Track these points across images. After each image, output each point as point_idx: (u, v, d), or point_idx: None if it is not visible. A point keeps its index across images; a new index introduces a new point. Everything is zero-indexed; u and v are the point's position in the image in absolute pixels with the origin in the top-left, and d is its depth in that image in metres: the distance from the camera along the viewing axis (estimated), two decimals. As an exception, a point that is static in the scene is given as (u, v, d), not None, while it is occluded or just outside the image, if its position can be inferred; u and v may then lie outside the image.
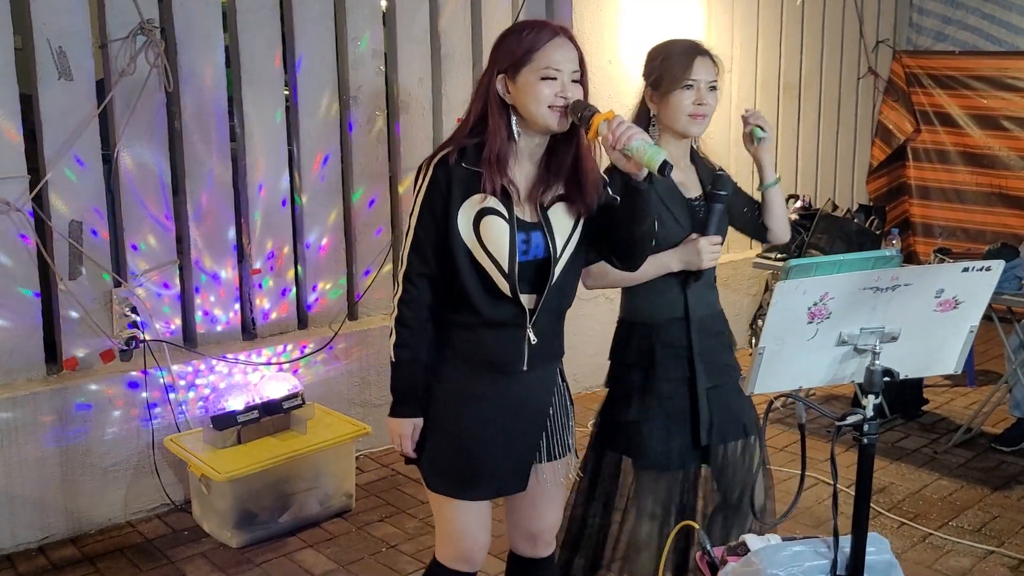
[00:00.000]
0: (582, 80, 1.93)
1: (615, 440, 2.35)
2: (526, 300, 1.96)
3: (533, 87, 1.88)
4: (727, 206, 2.31)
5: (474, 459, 2.03)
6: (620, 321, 2.39)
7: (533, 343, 1.98)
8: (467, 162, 1.93)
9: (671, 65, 2.23)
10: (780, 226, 2.42)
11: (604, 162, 2.00)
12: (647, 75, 2.30)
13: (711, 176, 2.33)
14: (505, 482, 2.08)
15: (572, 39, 1.93)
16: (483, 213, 1.92)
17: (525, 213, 1.96)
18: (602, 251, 2.07)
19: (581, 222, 2.01)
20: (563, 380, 2.15)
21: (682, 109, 2.22)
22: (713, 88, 2.23)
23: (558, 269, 1.98)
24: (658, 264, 2.25)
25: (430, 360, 2.03)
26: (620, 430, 2.33)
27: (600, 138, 1.84)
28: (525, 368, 2.00)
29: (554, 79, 1.88)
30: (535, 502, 2.14)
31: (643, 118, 2.31)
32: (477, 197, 1.91)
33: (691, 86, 2.21)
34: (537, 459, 2.10)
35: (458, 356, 2.02)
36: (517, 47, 1.90)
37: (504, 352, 1.99)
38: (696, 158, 2.37)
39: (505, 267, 1.93)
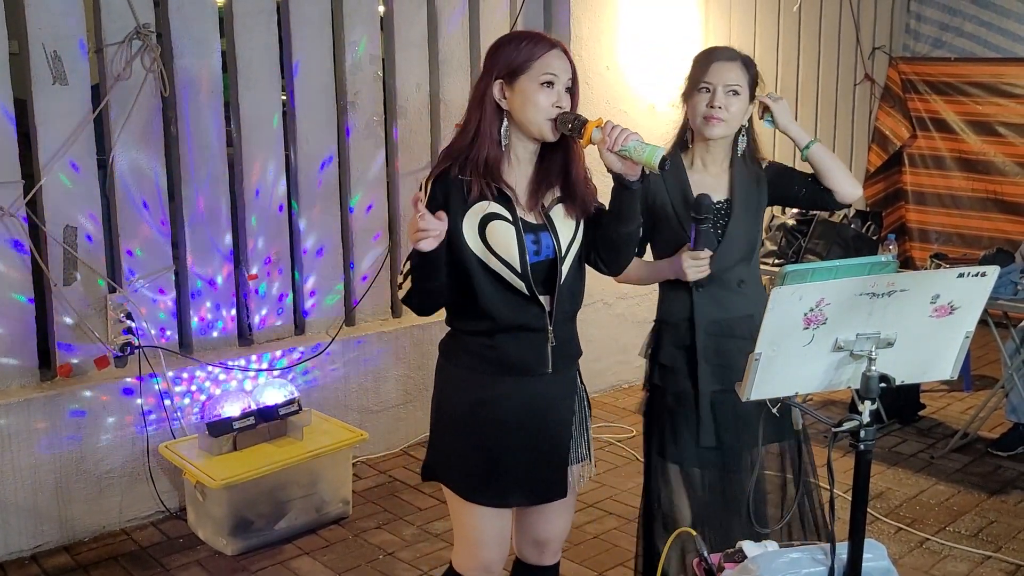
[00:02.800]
0: (573, 90, 1.98)
1: (646, 435, 2.42)
2: (544, 300, 1.99)
3: (532, 95, 1.93)
4: (782, 195, 2.39)
5: (502, 466, 2.02)
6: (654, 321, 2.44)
7: (554, 345, 2.01)
8: (463, 173, 1.95)
9: (692, 70, 2.30)
10: (841, 184, 2.33)
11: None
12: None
13: (751, 180, 2.34)
14: (540, 488, 2.07)
15: (567, 52, 1.99)
16: (488, 219, 1.95)
17: (529, 215, 1.99)
18: (588, 253, 2.09)
19: (581, 224, 2.05)
20: (582, 383, 2.16)
21: (697, 112, 2.26)
22: (734, 92, 2.25)
23: (565, 268, 2.01)
24: (655, 270, 2.33)
25: (446, 369, 2.08)
26: (646, 424, 2.41)
27: (595, 144, 1.89)
28: (549, 370, 2.02)
29: (551, 87, 1.93)
30: (548, 509, 2.13)
31: (684, 123, 2.36)
32: (479, 205, 1.94)
33: (705, 89, 2.24)
34: (569, 463, 2.10)
35: (478, 362, 2.02)
36: (516, 55, 1.95)
37: (527, 356, 2.00)
38: (738, 161, 2.35)
39: (518, 268, 1.95)
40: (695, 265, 2.23)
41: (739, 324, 2.32)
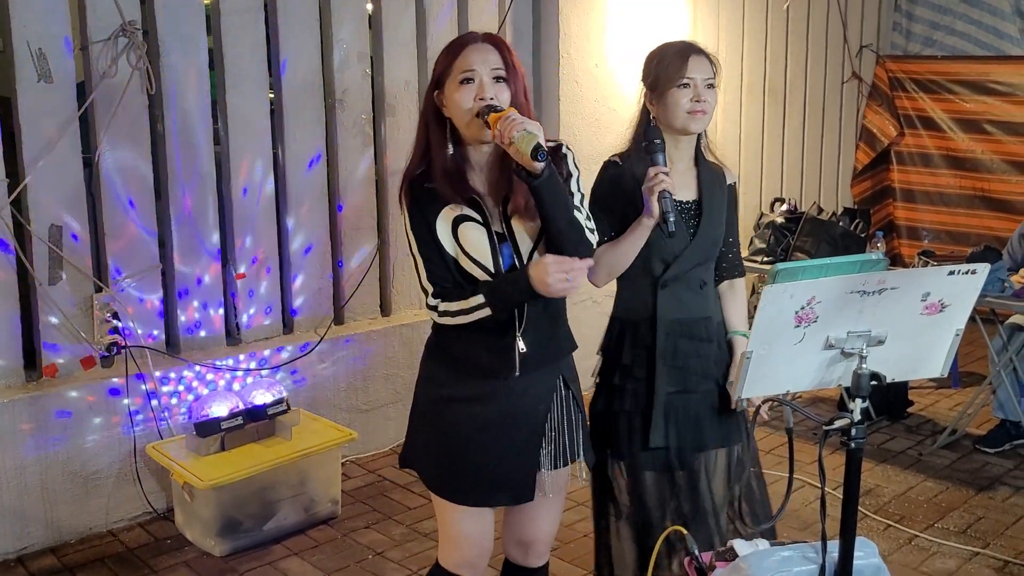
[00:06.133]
0: (510, 80, 1.91)
1: (597, 431, 2.35)
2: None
3: (454, 94, 1.89)
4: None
5: (465, 464, 2.01)
6: (610, 316, 2.40)
7: (523, 351, 1.97)
8: (428, 181, 1.94)
9: (666, 66, 2.24)
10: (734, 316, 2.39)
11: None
12: (645, 79, 2.30)
13: (716, 179, 2.32)
14: (506, 490, 2.05)
15: (494, 41, 1.93)
16: (459, 220, 1.93)
17: (495, 222, 1.95)
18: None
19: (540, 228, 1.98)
20: (567, 385, 2.10)
21: (680, 107, 2.21)
22: (711, 86, 2.23)
23: None
24: (630, 238, 2.19)
25: (424, 362, 2.07)
26: (595, 421, 2.35)
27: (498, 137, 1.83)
28: (516, 374, 1.99)
29: (471, 82, 1.88)
30: (529, 510, 2.12)
31: (644, 122, 2.30)
32: (449, 208, 1.92)
33: (686, 84, 2.21)
34: (538, 467, 2.08)
35: (450, 359, 2.03)
36: (443, 60, 1.93)
37: (493, 360, 1.98)
38: (702, 160, 2.34)
39: (491, 269, 1.93)
40: (657, 175, 2.09)
41: (698, 325, 2.30)
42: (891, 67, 6.33)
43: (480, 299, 1.89)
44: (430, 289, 1.96)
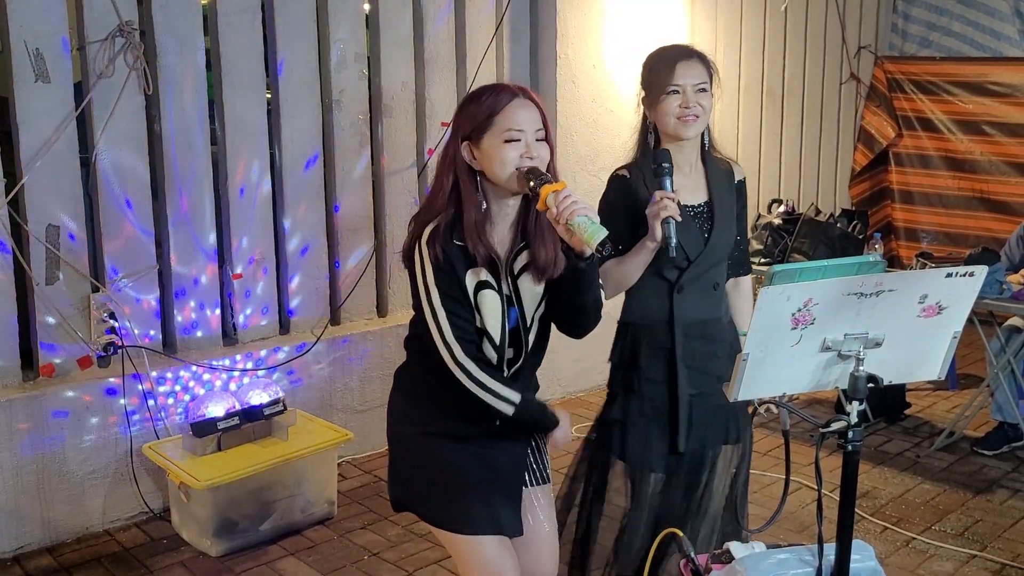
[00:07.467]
0: (547, 138, 1.91)
1: (606, 439, 2.36)
2: (506, 367, 1.97)
3: (497, 151, 1.86)
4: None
5: (463, 493, 1.99)
6: (618, 323, 2.39)
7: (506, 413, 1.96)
8: (457, 237, 1.89)
9: (656, 73, 2.26)
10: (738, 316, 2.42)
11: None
12: (641, 85, 2.32)
13: (724, 177, 2.32)
14: (504, 519, 2.02)
15: (532, 98, 1.91)
16: (480, 287, 1.91)
17: (503, 284, 1.95)
18: (553, 318, 2.04)
19: (545, 286, 1.99)
20: None
21: (670, 114, 2.23)
22: (702, 90, 2.23)
23: (531, 337, 1.99)
24: (635, 257, 2.21)
25: (398, 402, 2.08)
26: (606, 428, 2.36)
27: (547, 210, 1.81)
28: (497, 423, 1.97)
29: (518, 140, 1.86)
30: (531, 539, 2.08)
31: (646, 130, 2.32)
32: (474, 271, 1.90)
33: (675, 91, 2.22)
34: (528, 483, 2.08)
35: (433, 401, 2.00)
36: (477, 112, 1.88)
37: (478, 410, 1.95)
38: (708, 159, 2.34)
39: (496, 339, 1.94)
40: (665, 203, 2.10)
41: (712, 327, 2.31)
42: (889, 68, 6.33)
43: (516, 397, 1.91)
44: (456, 348, 1.88)
